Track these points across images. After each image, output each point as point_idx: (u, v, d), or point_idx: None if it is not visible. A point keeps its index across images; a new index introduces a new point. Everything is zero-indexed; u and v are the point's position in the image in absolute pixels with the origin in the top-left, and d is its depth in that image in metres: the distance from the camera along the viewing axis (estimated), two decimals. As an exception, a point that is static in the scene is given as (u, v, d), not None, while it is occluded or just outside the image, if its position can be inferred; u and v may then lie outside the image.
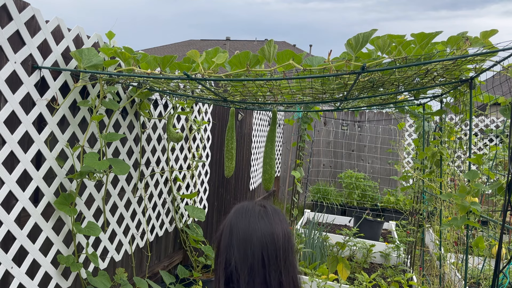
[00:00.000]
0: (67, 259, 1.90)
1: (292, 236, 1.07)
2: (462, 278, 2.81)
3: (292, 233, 1.09)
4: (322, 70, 1.51)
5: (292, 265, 1.04)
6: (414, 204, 3.41)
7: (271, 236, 1.01)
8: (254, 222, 1.03)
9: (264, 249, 1.00)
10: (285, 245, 1.02)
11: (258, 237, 1.00)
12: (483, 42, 1.48)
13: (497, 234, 2.99)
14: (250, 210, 1.06)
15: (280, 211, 1.10)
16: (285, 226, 1.05)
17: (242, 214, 1.06)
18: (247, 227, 1.03)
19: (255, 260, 0.99)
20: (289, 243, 1.04)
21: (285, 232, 1.04)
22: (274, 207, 1.10)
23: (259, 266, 0.99)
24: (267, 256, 0.99)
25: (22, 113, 1.65)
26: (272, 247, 1.00)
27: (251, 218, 1.04)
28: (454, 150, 2.68)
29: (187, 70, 1.73)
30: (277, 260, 1.00)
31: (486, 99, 2.07)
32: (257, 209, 1.06)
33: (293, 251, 1.06)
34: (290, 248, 1.04)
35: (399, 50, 1.44)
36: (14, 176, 1.64)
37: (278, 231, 1.02)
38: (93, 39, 2.04)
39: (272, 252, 1.00)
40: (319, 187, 6.56)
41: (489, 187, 1.72)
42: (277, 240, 1.01)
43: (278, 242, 1.01)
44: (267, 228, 1.02)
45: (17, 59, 1.60)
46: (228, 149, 2.57)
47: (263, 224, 1.02)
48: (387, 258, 3.97)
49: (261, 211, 1.06)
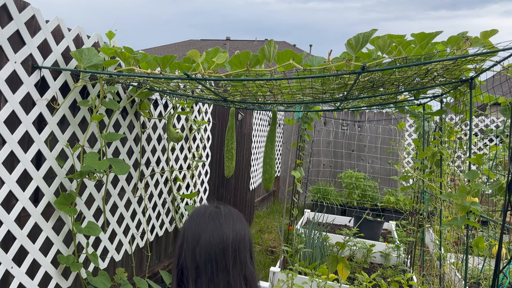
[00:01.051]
0: (67, 259, 1.90)
1: (247, 237, 1.08)
2: (462, 278, 2.81)
3: (247, 234, 1.09)
4: (322, 70, 1.51)
5: (245, 265, 1.04)
6: (414, 204, 3.41)
7: (220, 236, 1.02)
8: (204, 222, 1.05)
9: (211, 249, 1.01)
10: (235, 245, 1.03)
11: (206, 237, 1.02)
12: (483, 42, 1.48)
13: (497, 234, 2.99)
14: (202, 212, 1.08)
15: (236, 212, 1.11)
16: (238, 227, 1.06)
17: (194, 217, 1.08)
18: (196, 228, 1.05)
19: (202, 259, 1.01)
20: (240, 243, 1.05)
21: (236, 233, 1.05)
22: (230, 208, 1.11)
23: (205, 264, 1.00)
24: (214, 256, 1.00)
25: (22, 113, 1.65)
26: (220, 246, 1.01)
27: (201, 219, 1.06)
28: (454, 150, 2.68)
29: (187, 70, 1.73)
30: (225, 259, 1.01)
31: (486, 99, 2.07)
32: (209, 210, 1.08)
33: (246, 251, 1.06)
34: (242, 247, 1.05)
35: (399, 50, 1.44)
36: (14, 176, 1.64)
37: (228, 231, 1.03)
38: (93, 39, 2.04)
39: (219, 252, 1.01)
40: (319, 187, 6.56)
41: (489, 187, 1.72)
42: (226, 240, 1.02)
43: (227, 241, 1.02)
44: (216, 229, 1.03)
45: (17, 59, 1.60)
46: (228, 149, 2.57)
47: (213, 224, 1.04)
48: (387, 258, 3.97)
49: (213, 212, 1.07)
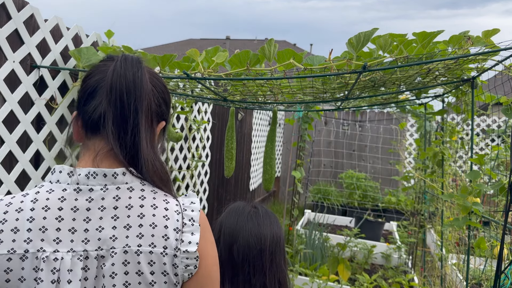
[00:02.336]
0: (66, 260, 1.89)
1: (282, 240, 1.06)
2: (463, 279, 2.79)
3: (282, 237, 1.07)
4: (323, 69, 1.50)
5: (280, 268, 1.03)
6: (415, 205, 3.39)
7: (258, 237, 1.01)
8: (242, 221, 1.03)
9: (250, 248, 1.00)
10: (272, 247, 1.02)
11: (244, 236, 1.01)
12: (485, 41, 1.47)
13: (499, 234, 2.98)
14: (241, 210, 1.07)
15: (273, 214, 1.09)
16: (275, 229, 1.05)
17: (232, 213, 1.07)
18: (234, 226, 1.03)
19: (239, 257, 1.00)
20: (277, 246, 1.03)
21: (274, 235, 1.04)
22: (266, 209, 1.10)
23: (242, 264, 0.99)
24: (252, 256, 0.99)
25: (20, 113, 1.64)
26: (258, 247, 1.00)
27: (239, 217, 1.05)
28: (455, 150, 2.67)
29: (186, 69, 1.72)
30: (262, 261, 1.00)
31: (488, 99, 2.05)
32: (248, 210, 1.07)
33: (282, 254, 1.05)
34: (278, 250, 1.04)
35: (401, 49, 1.43)
36: (12, 176, 1.63)
37: (266, 233, 1.02)
38: (92, 38, 2.03)
39: (258, 253, 1.00)
40: (320, 188, 6.55)
41: (491, 187, 1.71)
42: (264, 241, 1.01)
43: (265, 243, 1.01)
44: (254, 229, 1.02)
45: (15, 58, 1.59)
46: (228, 149, 2.56)
47: (251, 224, 1.03)
48: (388, 259, 3.96)
49: (251, 212, 1.06)
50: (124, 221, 0.72)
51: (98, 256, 0.70)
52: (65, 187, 0.73)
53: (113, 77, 0.76)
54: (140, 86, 0.76)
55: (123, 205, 0.73)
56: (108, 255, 0.70)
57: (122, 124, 0.76)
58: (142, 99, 0.76)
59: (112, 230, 0.71)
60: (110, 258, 0.70)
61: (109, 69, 0.78)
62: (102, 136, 0.78)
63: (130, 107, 0.75)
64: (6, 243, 0.67)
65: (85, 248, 0.70)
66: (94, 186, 0.73)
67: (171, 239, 0.73)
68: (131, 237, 0.71)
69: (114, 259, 0.70)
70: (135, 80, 0.77)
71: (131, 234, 0.72)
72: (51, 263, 0.68)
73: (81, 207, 0.72)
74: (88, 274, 0.70)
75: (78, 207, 0.72)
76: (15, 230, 0.68)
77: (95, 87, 0.79)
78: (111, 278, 0.70)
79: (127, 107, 0.75)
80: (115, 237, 0.71)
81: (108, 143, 0.77)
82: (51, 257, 0.68)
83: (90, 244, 0.70)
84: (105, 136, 0.77)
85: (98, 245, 0.71)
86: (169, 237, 0.73)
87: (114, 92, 0.75)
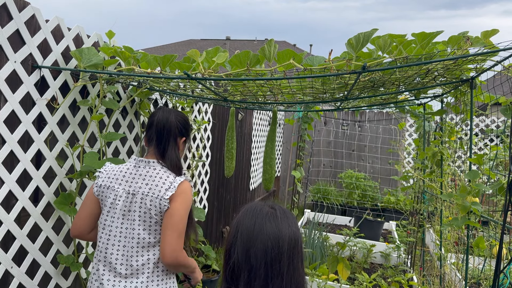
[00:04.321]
0: (67, 259, 1.90)
1: (300, 241, 1.03)
2: (462, 278, 2.80)
3: (301, 237, 1.04)
4: (322, 70, 1.51)
5: (297, 271, 1.00)
6: (414, 204, 3.40)
7: (276, 240, 0.97)
8: (260, 223, 1.00)
9: (267, 252, 0.96)
10: (290, 250, 0.98)
11: (263, 239, 0.97)
12: (484, 42, 1.48)
13: (497, 234, 2.99)
14: (258, 211, 1.03)
15: (290, 214, 1.05)
16: (293, 230, 1.01)
17: (249, 214, 1.03)
18: (252, 228, 1.00)
19: (257, 262, 0.96)
20: (295, 248, 1.00)
21: (292, 237, 1.00)
22: (284, 209, 1.06)
23: (260, 269, 0.96)
24: (270, 259, 0.96)
25: (22, 113, 1.64)
26: (276, 251, 0.96)
27: (257, 219, 1.01)
28: (454, 150, 2.68)
29: (187, 69, 1.73)
30: (280, 265, 0.96)
31: (487, 99, 2.06)
32: (266, 211, 1.03)
33: (299, 256, 1.01)
34: (296, 253, 1.00)
35: (400, 49, 1.44)
36: (14, 175, 1.64)
37: (285, 235, 0.99)
38: (93, 39, 2.04)
39: (276, 256, 0.96)
40: (319, 187, 6.56)
41: (490, 187, 1.72)
42: (282, 244, 0.97)
43: (283, 246, 0.97)
44: (273, 231, 0.99)
45: (17, 58, 1.60)
46: (228, 149, 2.56)
47: (269, 226, 0.99)
48: (388, 258, 3.97)
49: (269, 213, 1.02)
50: (145, 181, 1.50)
51: (132, 194, 1.48)
52: (132, 163, 1.56)
53: (157, 119, 1.60)
54: (169, 123, 1.59)
55: (148, 175, 1.51)
56: (136, 194, 1.48)
57: (160, 140, 1.59)
58: (170, 129, 1.59)
59: (140, 184, 1.49)
60: (136, 195, 1.48)
61: (156, 114, 1.62)
62: (151, 145, 1.60)
63: (163, 133, 1.59)
64: (103, 179, 1.54)
65: (128, 190, 1.49)
66: (139, 165, 1.55)
67: (161, 192, 1.46)
68: (146, 188, 1.48)
69: (137, 197, 1.47)
70: (166, 121, 1.59)
71: (146, 187, 1.48)
72: (115, 191, 1.50)
73: (132, 173, 1.53)
74: (127, 200, 1.48)
75: (132, 172, 1.53)
76: (108, 175, 1.54)
77: (151, 123, 1.62)
78: (134, 203, 1.47)
79: (163, 133, 1.59)
80: (140, 187, 1.49)
81: (153, 149, 1.59)
82: (116, 189, 1.50)
83: (131, 188, 1.49)
84: (152, 146, 1.60)
85: (133, 189, 1.49)
86: (160, 191, 1.47)
87: (156, 126, 1.59)
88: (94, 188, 1.54)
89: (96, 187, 1.54)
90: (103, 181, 1.53)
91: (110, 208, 1.49)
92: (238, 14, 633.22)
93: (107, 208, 1.50)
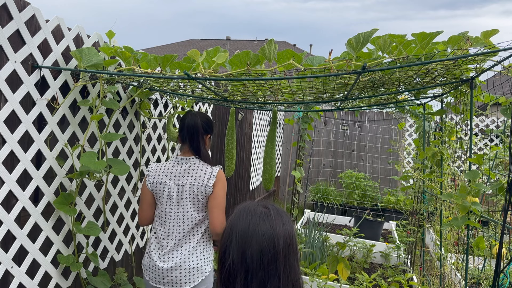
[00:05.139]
0: (67, 259, 1.90)
1: (294, 239, 1.02)
2: (462, 278, 2.80)
3: (295, 235, 1.03)
4: (322, 70, 1.51)
5: (293, 269, 1.00)
6: (414, 204, 3.41)
7: (271, 239, 0.97)
8: (255, 223, 0.99)
9: (263, 253, 0.96)
10: (285, 249, 0.98)
11: (258, 239, 0.97)
12: (484, 42, 1.48)
13: (497, 234, 2.99)
14: (252, 211, 1.02)
15: (284, 212, 1.05)
16: (287, 229, 1.01)
17: (243, 215, 1.02)
18: (246, 228, 0.99)
19: (253, 262, 0.96)
20: (290, 247, 1.00)
21: (287, 235, 1.00)
22: (277, 208, 1.06)
23: (256, 269, 0.95)
24: (266, 260, 0.96)
25: (22, 113, 1.64)
26: (272, 251, 0.96)
27: (251, 219, 1.00)
28: (454, 150, 2.68)
29: (187, 69, 1.73)
30: (276, 264, 0.96)
31: (486, 99, 2.06)
32: (259, 210, 1.02)
33: (295, 254, 1.01)
34: (291, 251, 1.00)
35: (400, 49, 1.44)
36: (14, 175, 1.64)
37: (279, 234, 0.98)
38: (93, 39, 2.04)
39: (272, 256, 0.96)
40: (319, 187, 6.56)
41: (490, 187, 1.72)
42: (277, 243, 0.97)
43: (279, 246, 0.97)
44: (268, 231, 0.98)
45: (17, 58, 1.60)
46: (228, 149, 2.56)
47: (264, 226, 0.99)
48: (388, 258, 3.97)
49: (263, 213, 1.02)
50: (190, 174, 1.87)
51: (181, 185, 1.86)
52: (173, 161, 1.94)
53: (186, 123, 1.94)
54: (197, 125, 1.94)
55: (191, 169, 1.88)
56: (185, 185, 1.85)
57: (192, 140, 1.94)
58: (198, 130, 1.94)
59: (186, 177, 1.87)
60: (185, 186, 1.85)
61: (186, 119, 1.96)
62: (186, 144, 1.96)
63: (194, 133, 1.93)
64: (154, 177, 1.90)
65: (178, 183, 1.86)
66: (181, 162, 1.92)
67: (205, 181, 1.85)
68: (192, 179, 1.86)
69: (186, 187, 1.85)
70: (194, 123, 1.94)
71: (192, 178, 1.86)
72: (167, 186, 1.87)
73: (178, 169, 1.89)
74: (179, 191, 1.86)
75: (177, 169, 1.89)
76: (157, 173, 1.90)
77: (182, 126, 1.96)
78: (185, 192, 1.85)
79: (193, 133, 1.93)
80: (187, 180, 1.86)
81: (188, 147, 1.95)
82: (168, 183, 1.87)
83: (179, 181, 1.86)
84: (187, 144, 1.95)
85: (182, 182, 1.86)
86: (204, 180, 1.85)
87: (187, 128, 1.94)
88: (148, 185, 1.91)
89: (149, 183, 1.91)
90: (154, 178, 1.89)
91: (167, 199, 1.87)
92: (238, 14, 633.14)
93: (164, 199, 1.88)
